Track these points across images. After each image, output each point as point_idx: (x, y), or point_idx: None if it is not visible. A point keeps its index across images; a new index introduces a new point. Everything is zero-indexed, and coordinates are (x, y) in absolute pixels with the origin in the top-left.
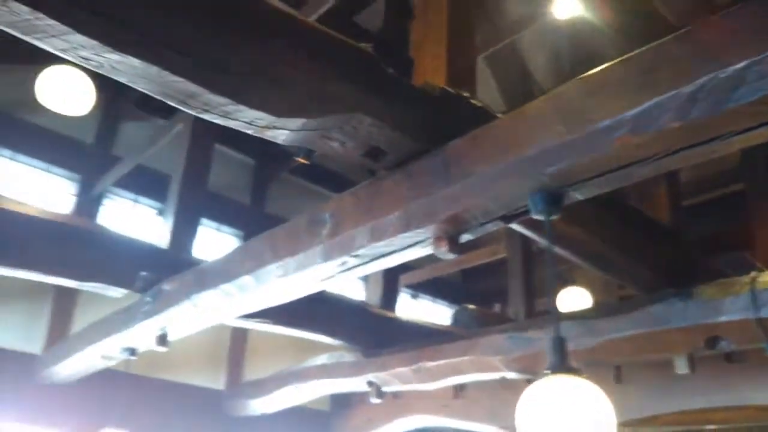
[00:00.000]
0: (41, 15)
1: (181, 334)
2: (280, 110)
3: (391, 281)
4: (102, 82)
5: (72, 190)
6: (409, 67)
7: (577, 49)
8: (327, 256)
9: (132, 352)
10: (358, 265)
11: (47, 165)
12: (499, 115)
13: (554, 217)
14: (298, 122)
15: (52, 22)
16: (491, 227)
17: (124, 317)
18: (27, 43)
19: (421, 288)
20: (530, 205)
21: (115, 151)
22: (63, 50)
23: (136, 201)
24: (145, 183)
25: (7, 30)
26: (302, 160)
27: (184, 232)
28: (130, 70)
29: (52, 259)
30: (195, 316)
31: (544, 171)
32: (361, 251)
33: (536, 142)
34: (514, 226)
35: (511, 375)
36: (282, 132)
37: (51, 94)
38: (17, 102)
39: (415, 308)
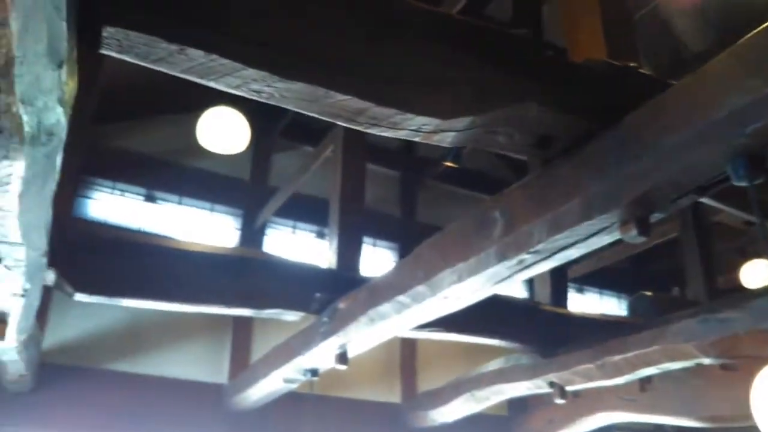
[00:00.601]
0: (215, 56)
1: (360, 350)
2: (446, 112)
3: (559, 276)
4: (250, 119)
5: (235, 225)
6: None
7: (726, 8)
8: (502, 256)
9: (314, 372)
10: (537, 262)
11: (211, 204)
12: (672, 82)
13: (758, 182)
14: (464, 122)
15: (225, 61)
16: (685, 202)
17: (304, 339)
18: (182, 94)
19: (585, 281)
20: (730, 171)
21: (271, 183)
22: (236, 86)
23: (294, 227)
24: (302, 209)
25: (184, 76)
26: (451, 164)
27: (349, 251)
28: (298, 95)
29: (231, 291)
30: (372, 330)
31: (741, 132)
32: (539, 246)
33: (728, 101)
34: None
35: (708, 361)
36: (449, 134)
37: (211, 136)
38: (178, 150)
39: (582, 302)
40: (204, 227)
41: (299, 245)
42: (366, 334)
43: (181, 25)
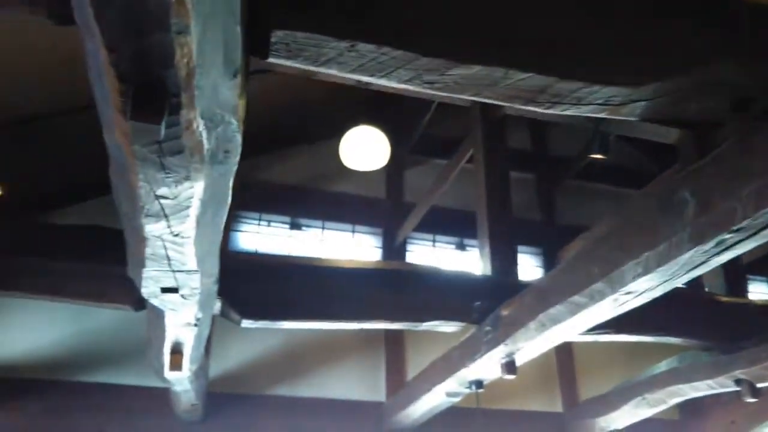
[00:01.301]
0: (387, 49)
1: (528, 358)
2: (637, 80)
3: (733, 262)
4: None
5: (376, 244)
6: None
7: None
8: (698, 240)
9: (478, 384)
10: (739, 242)
11: (352, 226)
12: None
13: None
14: (653, 89)
15: (397, 53)
16: None
17: (466, 350)
18: (314, 124)
19: (749, 269)
20: None
21: (407, 199)
22: (408, 80)
23: (434, 241)
24: (440, 222)
25: (354, 76)
26: (598, 156)
27: (503, 257)
28: (474, 80)
29: (390, 305)
30: (543, 336)
31: None
32: (744, 223)
33: None
34: None
35: None
36: (637, 105)
37: (354, 155)
38: (317, 176)
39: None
40: (347, 249)
41: (440, 258)
42: (536, 340)
43: (350, 20)
